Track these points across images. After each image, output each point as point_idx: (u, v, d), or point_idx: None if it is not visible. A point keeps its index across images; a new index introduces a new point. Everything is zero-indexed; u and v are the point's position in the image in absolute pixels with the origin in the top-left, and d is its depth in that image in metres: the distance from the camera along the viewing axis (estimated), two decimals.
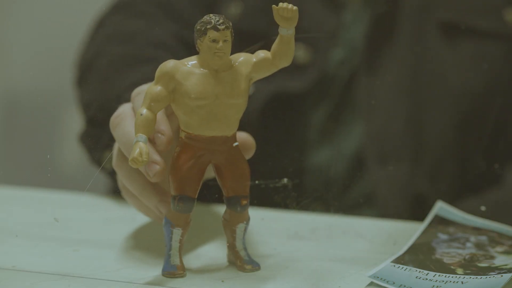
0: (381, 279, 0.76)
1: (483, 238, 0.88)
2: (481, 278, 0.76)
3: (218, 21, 0.75)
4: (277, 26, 0.75)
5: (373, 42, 1.19)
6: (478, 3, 1.19)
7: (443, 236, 0.88)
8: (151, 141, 0.78)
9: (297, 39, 0.76)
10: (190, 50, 0.78)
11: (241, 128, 0.78)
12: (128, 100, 0.84)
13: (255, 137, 0.83)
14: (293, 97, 1.18)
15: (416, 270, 0.78)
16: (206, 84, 0.75)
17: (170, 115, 0.80)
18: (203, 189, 0.78)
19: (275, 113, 1.17)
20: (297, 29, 0.75)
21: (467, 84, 1.17)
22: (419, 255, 0.82)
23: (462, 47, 1.17)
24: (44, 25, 1.87)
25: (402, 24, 1.19)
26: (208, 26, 0.75)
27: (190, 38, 0.78)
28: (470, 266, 0.80)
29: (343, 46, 1.20)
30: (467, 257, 0.83)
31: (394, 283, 0.75)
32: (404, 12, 1.19)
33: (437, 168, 1.18)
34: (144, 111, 0.75)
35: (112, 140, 0.83)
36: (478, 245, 0.86)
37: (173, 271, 0.77)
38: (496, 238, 0.88)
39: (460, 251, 0.84)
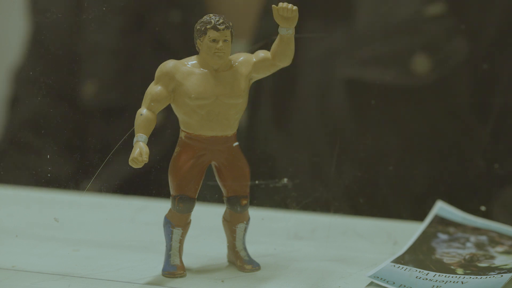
0: (381, 279, 0.76)
1: (483, 238, 0.88)
2: (481, 278, 0.76)
3: (218, 21, 0.75)
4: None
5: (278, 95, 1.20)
6: (384, 55, 1.19)
7: (443, 236, 0.88)
8: None
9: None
10: None
11: (241, 128, 0.78)
12: None
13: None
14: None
15: (416, 270, 0.78)
16: (206, 84, 0.75)
17: None
18: (203, 189, 0.78)
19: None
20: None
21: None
22: (419, 255, 0.82)
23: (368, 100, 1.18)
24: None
25: (307, 79, 1.20)
26: (208, 26, 0.75)
27: None
28: (470, 266, 0.80)
29: None
30: (467, 257, 0.83)
31: (394, 283, 0.75)
32: (308, 66, 1.20)
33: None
34: (144, 111, 0.75)
35: None
36: (478, 245, 0.86)
37: (173, 271, 0.77)
38: (496, 238, 0.88)
39: (460, 251, 0.84)
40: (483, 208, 0.99)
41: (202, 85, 0.75)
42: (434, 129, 1.20)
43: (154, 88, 0.75)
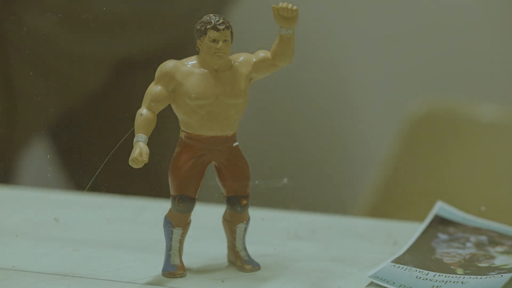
0: (381, 279, 0.76)
1: (483, 238, 0.88)
2: (481, 278, 0.76)
3: (218, 21, 0.75)
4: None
5: None
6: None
7: (443, 236, 0.88)
8: None
9: None
10: None
11: (241, 127, 0.78)
12: None
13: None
14: None
15: (416, 270, 0.78)
16: (206, 84, 0.75)
17: None
18: (203, 189, 0.78)
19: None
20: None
21: None
22: (419, 255, 0.82)
23: None
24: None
25: None
26: (208, 26, 0.75)
27: None
28: (470, 266, 0.80)
29: None
30: (467, 257, 0.83)
31: (394, 283, 0.75)
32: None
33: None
34: (144, 111, 0.75)
35: None
36: (478, 245, 0.86)
37: (173, 271, 0.77)
38: (496, 238, 0.88)
39: (460, 251, 0.84)
40: (483, 208, 0.99)
41: (202, 85, 0.75)
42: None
43: (154, 88, 0.75)
